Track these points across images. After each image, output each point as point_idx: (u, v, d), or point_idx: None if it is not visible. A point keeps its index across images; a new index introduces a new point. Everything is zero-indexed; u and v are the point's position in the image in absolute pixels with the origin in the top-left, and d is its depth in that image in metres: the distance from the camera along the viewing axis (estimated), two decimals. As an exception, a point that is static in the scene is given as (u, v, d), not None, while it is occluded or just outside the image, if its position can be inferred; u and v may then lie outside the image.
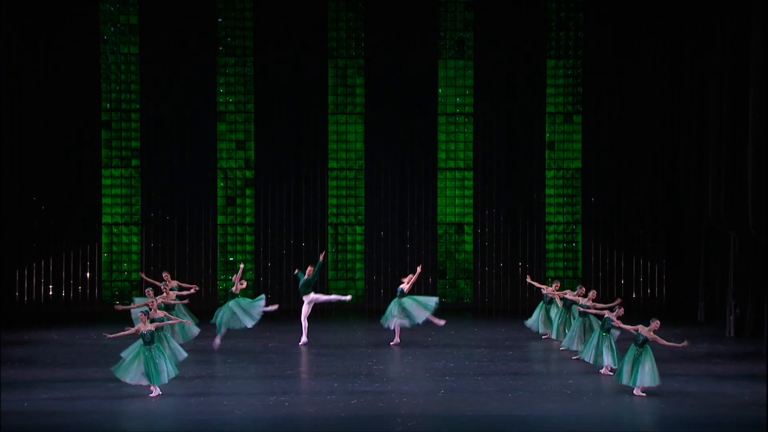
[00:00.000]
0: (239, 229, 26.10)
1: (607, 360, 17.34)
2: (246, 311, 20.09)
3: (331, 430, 13.97)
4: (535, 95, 26.12)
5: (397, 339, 20.56)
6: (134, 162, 25.86)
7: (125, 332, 16.23)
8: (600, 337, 17.44)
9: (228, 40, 26.00)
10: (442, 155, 26.33)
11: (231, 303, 20.14)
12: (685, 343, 16.19)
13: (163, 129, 25.68)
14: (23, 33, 24.27)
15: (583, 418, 14.52)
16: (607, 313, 17.56)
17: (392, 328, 20.54)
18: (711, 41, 22.52)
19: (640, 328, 15.87)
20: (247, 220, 26.09)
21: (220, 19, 25.92)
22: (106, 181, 25.79)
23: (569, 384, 16.75)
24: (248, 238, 26.06)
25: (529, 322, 21.36)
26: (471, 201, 26.27)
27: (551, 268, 26.35)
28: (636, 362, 15.72)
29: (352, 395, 15.85)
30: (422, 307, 20.49)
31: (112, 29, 25.69)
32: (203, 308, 22.90)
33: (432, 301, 20.77)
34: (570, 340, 19.28)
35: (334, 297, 21.26)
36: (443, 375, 17.60)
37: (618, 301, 18.57)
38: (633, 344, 15.97)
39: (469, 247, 26.38)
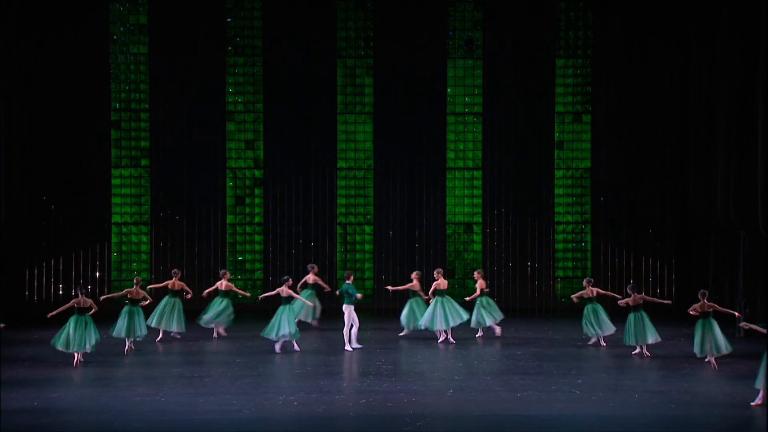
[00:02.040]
0: (248, 229, 26.13)
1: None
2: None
3: (340, 430, 13.98)
4: (544, 94, 26.09)
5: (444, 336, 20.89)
6: (143, 161, 25.91)
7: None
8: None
9: (237, 40, 26.03)
10: (450, 155, 26.32)
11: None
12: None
13: (172, 128, 25.72)
14: (33, 33, 24.35)
15: (592, 418, 14.51)
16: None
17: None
18: (720, 40, 22.48)
19: None
20: (256, 219, 26.12)
21: (229, 19, 25.95)
22: (115, 181, 25.84)
23: (578, 384, 16.74)
24: (257, 238, 26.09)
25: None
26: (480, 200, 26.26)
27: (560, 267, 26.32)
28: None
29: (360, 395, 15.86)
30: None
31: (122, 29, 25.74)
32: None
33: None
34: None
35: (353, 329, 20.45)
36: (452, 374, 17.60)
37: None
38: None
39: (477, 247, 26.36)
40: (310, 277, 22.60)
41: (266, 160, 26.04)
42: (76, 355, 18.19)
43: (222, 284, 21.52)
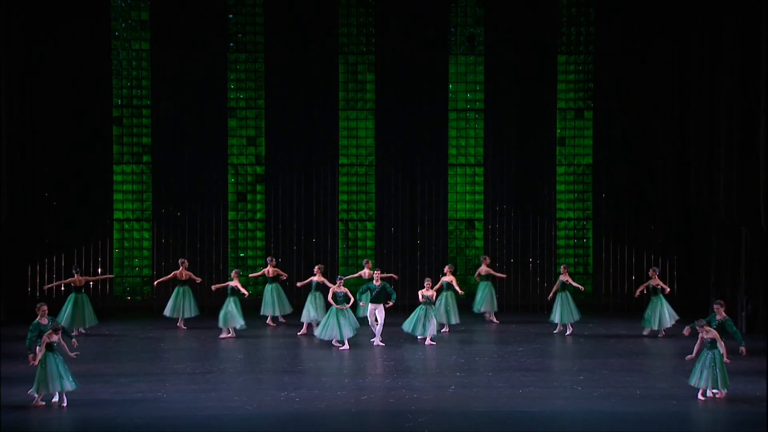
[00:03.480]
0: (250, 225, 26.14)
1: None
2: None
3: (341, 426, 13.99)
4: (545, 91, 26.06)
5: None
6: (145, 158, 25.91)
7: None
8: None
9: (239, 36, 26.01)
10: (452, 151, 26.31)
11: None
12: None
13: (174, 125, 25.71)
14: (35, 29, 24.32)
15: (594, 414, 14.51)
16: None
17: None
18: (721, 35, 22.45)
19: None
20: (258, 216, 26.12)
21: (230, 15, 25.93)
22: (117, 177, 25.84)
23: (580, 380, 16.75)
24: (259, 234, 26.09)
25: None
26: (481, 197, 26.24)
27: (562, 264, 26.26)
28: None
29: (362, 391, 15.88)
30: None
31: (123, 25, 25.73)
32: (214, 303, 22.91)
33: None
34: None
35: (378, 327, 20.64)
36: (454, 371, 17.60)
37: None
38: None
39: (479, 243, 26.36)
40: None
41: (268, 157, 26.03)
42: (75, 330, 19.06)
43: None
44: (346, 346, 19.50)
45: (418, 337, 20.42)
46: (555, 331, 21.72)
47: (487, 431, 13.70)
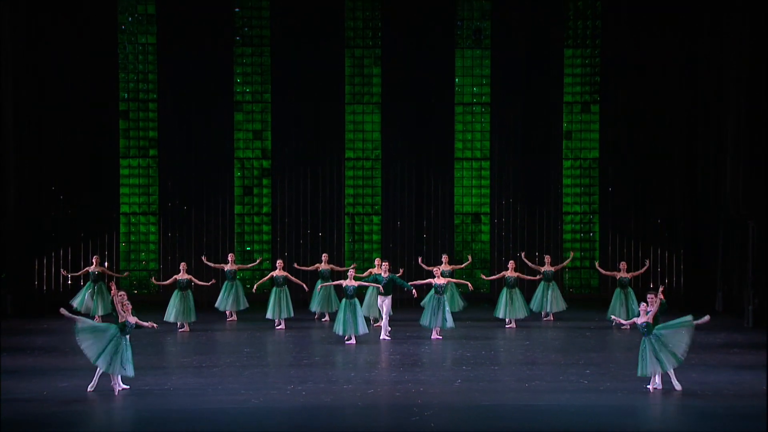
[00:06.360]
0: (256, 219, 26.16)
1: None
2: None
3: (347, 420, 14.00)
4: (552, 84, 26.04)
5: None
6: (152, 152, 25.94)
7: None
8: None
9: (245, 30, 26.02)
10: (458, 145, 26.30)
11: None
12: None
13: (180, 119, 25.74)
14: (41, 23, 24.35)
15: (600, 408, 14.50)
16: None
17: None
18: (729, 28, 22.40)
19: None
20: (264, 209, 26.14)
21: (237, 9, 25.94)
22: (123, 171, 25.88)
23: (586, 374, 16.74)
24: (265, 228, 26.11)
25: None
26: (488, 191, 26.24)
27: (568, 258, 26.25)
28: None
29: (368, 385, 15.89)
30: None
31: (130, 19, 25.75)
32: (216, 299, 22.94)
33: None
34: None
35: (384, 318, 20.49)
36: (460, 365, 17.60)
37: None
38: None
39: (485, 237, 26.35)
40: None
41: (274, 151, 26.05)
42: (97, 317, 20.88)
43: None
44: (353, 341, 19.50)
45: (433, 328, 20.22)
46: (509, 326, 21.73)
47: (494, 425, 13.70)
